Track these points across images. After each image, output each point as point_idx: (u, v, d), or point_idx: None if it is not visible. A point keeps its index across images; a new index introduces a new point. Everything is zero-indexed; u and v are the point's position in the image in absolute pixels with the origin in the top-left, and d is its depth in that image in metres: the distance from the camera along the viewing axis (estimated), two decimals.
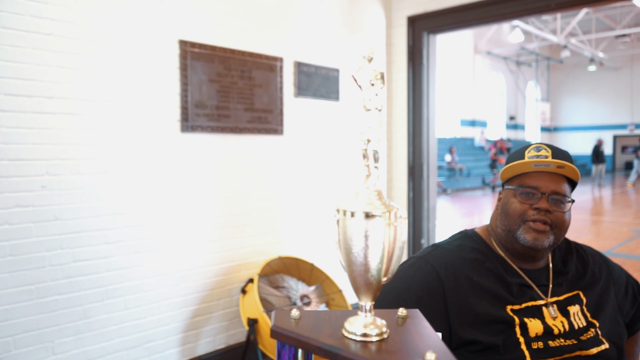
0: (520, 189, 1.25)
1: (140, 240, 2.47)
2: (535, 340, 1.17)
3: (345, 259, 0.54)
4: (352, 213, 0.53)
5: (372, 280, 0.54)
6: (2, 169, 2.05)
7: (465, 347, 1.19)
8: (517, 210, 1.25)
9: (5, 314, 2.07)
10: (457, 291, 1.21)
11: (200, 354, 2.75)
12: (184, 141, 2.62)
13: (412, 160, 3.74)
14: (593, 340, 1.20)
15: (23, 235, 2.11)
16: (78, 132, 2.25)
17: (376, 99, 0.53)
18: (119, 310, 2.41)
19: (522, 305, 1.21)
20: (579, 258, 1.36)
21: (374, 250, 0.53)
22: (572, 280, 1.29)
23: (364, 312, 0.55)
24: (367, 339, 0.53)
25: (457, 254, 1.28)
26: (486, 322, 1.18)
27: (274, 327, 0.57)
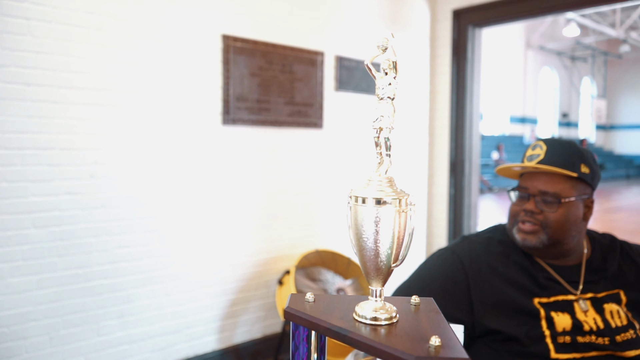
0: (513, 191, 1.31)
1: (181, 229, 2.54)
2: (562, 335, 1.14)
3: (356, 245, 0.55)
4: (363, 199, 0.54)
5: (381, 266, 0.54)
6: (53, 157, 2.16)
7: (488, 336, 1.18)
8: (512, 211, 1.30)
9: (54, 295, 2.19)
10: (482, 281, 1.22)
11: (237, 342, 2.81)
12: (226, 133, 2.68)
13: (454, 156, 3.67)
14: (632, 342, 1.15)
15: (72, 221, 2.22)
16: (125, 124, 2.34)
17: (389, 88, 0.53)
18: (160, 296, 2.49)
19: (550, 299, 1.19)
20: (623, 256, 1.31)
21: (384, 236, 0.53)
22: (612, 278, 1.26)
23: (374, 296, 0.56)
24: (376, 322, 0.54)
25: (485, 246, 1.29)
26: (510, 311, 1.18)
27: (288, 308, 0.59)
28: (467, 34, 3.60)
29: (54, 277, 2.19)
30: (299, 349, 0.59)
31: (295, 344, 0.59)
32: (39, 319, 2.16)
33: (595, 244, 1.33)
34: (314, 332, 0.58)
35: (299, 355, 0.60)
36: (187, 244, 2.57)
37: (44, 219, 2.15)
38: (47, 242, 2.16)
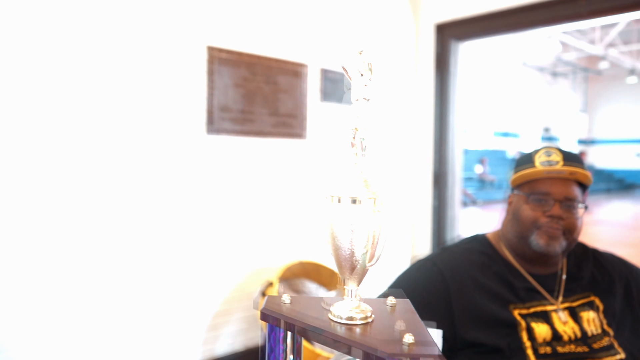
0: (533, 196, 1.25)
1: (163, 238, 2.52)
2: (543, 346, 1.15)
3: (331, 244, 0.55)
4: (338, 199, 0.54)
5: (357, 265, 0.54)
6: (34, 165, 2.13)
7: (470, 348, 1.18)
8: (529, 217, 1.25)
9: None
10: (462, 293, 1.22)
11: (219, 355, 2.77)
12: (210, 143, 2.68)
13: (437, 168, 3.70)
14: (607, 348, 1.17)
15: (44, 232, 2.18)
16: (108, 132, 2.32)
17: (365, 89, 0.54)
18: (140, 308, 2.45)
19: (529, 310, 1.20)
20: (595, 264, 1.34)
21: (359, 235, 0.53)
22: (587, 286, 1.28)
23: (350, 296, 0.56)
24: (352, 322, 0.54)
25: (465, 257, 1.29)
26: (490, 323, 1.18)
27: (264, 309, 0.59)
28: (450, 47, 3.66)
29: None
30: (274, 350, 0.59)
31: (270, 346, 0.59)
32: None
33: (570, 252, 1.35)
34: (289, 333, 0.58)
35: (274, 357, 0.59)
36: (168, 254, 2.55)
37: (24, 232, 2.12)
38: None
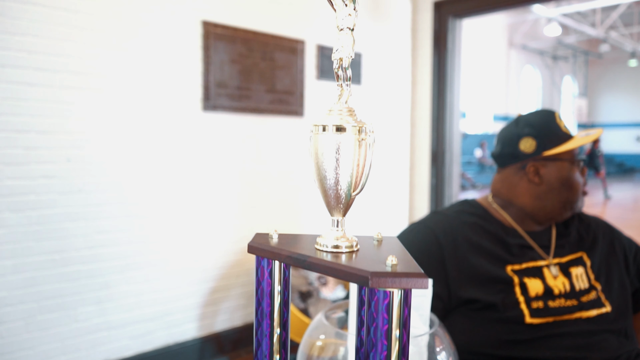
0: (581, 163, 1.31)
1: (161, 215, 2.52)
2: (535, 300, 1.18)
3: (317, 175, 0.55)
4: (323, 127, 0.54)
5: (342, 194, 0.55)
6: (29, 141, 2.13)
7: (465, 305, 1.20)
8: (580, 182, 1.29)
9: (30, 280, 2.16)
10: (456, 253, 1.23)
11: (217, 330, 2.80)
12: (206, 120, 2.67)
13: (435, 146, 3.70)
14: (594, 302, 1.20)
15: (48, 205, 2.19)
16: (103, 108, 2.31)
17: (349, 19, 0.54)
18: (140, 283, 2.47)
19: (522, 266, 1.22)
20: (580, 222, 1.38)
21: (344, 163, 0.53)
22: (575, 243, 1.32)
23: (335, 226, 0.56)
24: (337, 250, 0.54)
25: (457, 218, 1.31)
26: (485, 281, 1.20)
27: (251, 242, 0.59)
28: (448, 25, 3.63)
29: (30, 262, 2.16)
30: (261, 283, 0.59)
31: (258, 280, 0.59)
32: (15, 304, 2.13)
33: None
34: (277, 263, 0.58)
35: (262, 291, 0.60)
36: (167, 230, 2.56)
37: (19, 203, 2.12)
38: (23, 226, 2.13)
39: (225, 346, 2.81)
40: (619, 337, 1.20)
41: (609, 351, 1.15)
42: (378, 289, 0.47)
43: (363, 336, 0.50)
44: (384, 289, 0.46)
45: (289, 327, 0.61)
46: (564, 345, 1.15)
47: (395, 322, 0.47)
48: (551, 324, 1.17)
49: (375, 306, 0.47)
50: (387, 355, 0.47)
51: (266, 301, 0.60)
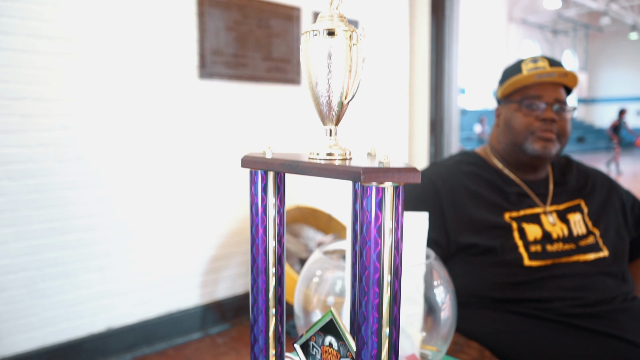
0: (525, 102, 1.26)
1: (161, 182, 2.52)
2: (534, 244, 1.19)
3: (309, 81, 0.55)
4: (315, 32, 0.53)
5: (334, 101, 0.54)
6: (25, 108, 2.12)
7: (464, 251, 1.21)
8: (522, 123, 1.27)
9: (31, 248, 2.17)
10: (454, 201, 1.25)
11: (219, 298, 2.82)
12: (203, 87, 2.65)
13: (433, 115, 3.68)
14: (591, 246, 1.22)
15: (46, 173, 2.19)
16: (98, 76, 2.29)
17: None
18: (141, 250, 2.48)
19: (520, 213, 1.24)
20: (579, 171, 1.40)
21: (336, 68, 0.53)
22: (573, 191, 1.33)
23: (328, 135, 0.56)
24: (330, 157, 0.54)
25: (455, 168, 1.32)
26: (483, 227, 1.21)
27: (244, 157, 0.59)
28: None
29: (31, 229, 2.16)
30: (256, 198, 0.59)
31: (252, 194, 0.59)
32: (16, 272, 2.14)
33: (554, 161, 1.40)
34: (271, 176, 0.58)
35: (255, 207, 0.60)
36: (167, 197, 2.56)
37: (17, 171, 2.12)
38: (22, 194, 2.13)
39: (227, 313, 2.84)
40: (615, 280, 1.21)
41: (605, 292, 1.17)
42: (370, 186, 0.47)
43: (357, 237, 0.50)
44: (376, 185, 0.46)
45: (284, 242, 0.61)
46: (562, 286, 1.16)
47: (389, 217, 0.47)
48: (549, 267, 1.18)
49: (368, 204, 0.47)
50: (380, 250, 0.47)
51: (261, 217, 0.60)
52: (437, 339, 0.87)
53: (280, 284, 0.62)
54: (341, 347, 0.57)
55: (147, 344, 2.53)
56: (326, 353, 0.59)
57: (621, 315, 1.15)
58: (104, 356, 2.39)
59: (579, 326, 1.12)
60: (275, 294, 0.62)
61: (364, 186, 0.47)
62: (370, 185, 0.47)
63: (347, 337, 0.57)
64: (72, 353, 2.30)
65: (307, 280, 0.91)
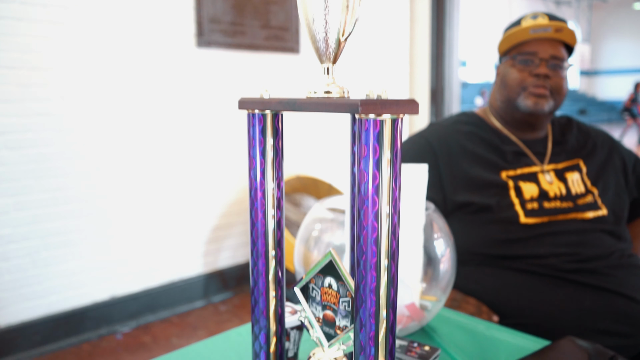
0: (519, 57, 1.26)
1: (161, 151, 2.52)
2: (530, 202, 1.20)
3: (305, 19, 0.54)
4: None
5: (331, 38, 0.53)
6: (22, 77, 2.10)
7: (460, 209, 1.22)
8: (516, 78, 1.26)
9: (33, 218, 2.18)
10: (450, 160, 1.25)
11: (221, 267, 2.85)
12: (201, 56, 2.62)
13: (434, 84, 3.65)
14: (590, 205, 1.22)
15: (46, 143, 2.18)
16: (94, 43, 2.27)
17: None
18: (142, 220, 2.49)
19: (517, 171, 1.24)
20: (579, 131, 1.39)
21: (332, 3, 0.52)
22: (572, 150, 1.33)
23: (325, 74, 0.55)
24: (328, 95, 0.54)
25: (452, 128, 1.32)
26: (480, 186, 1.21)
27: (242, 99, 0.58)
28: None
29: (32, 199, 2.17)
30: (254, 141, 0.59)
31: (250, 137, 0.59)
32: (19, 241, 2.15)
33: (554, 121, 1.39)
34: (269, 119, 0.58)
35: (254, 151, 0.59)
36: (168, 167, 2.56)
37: (16, 141, 2.11)
38: (22, 164, 2.13)
39: (229, 282, 2.87)
40: (612, 237, 1.22)
41: (602, 248, 1.17)
42: (368, 119, 0.46)
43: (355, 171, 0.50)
44: (374, 118, 0.46)
45: (282, 184, 0.61)
46: (558, 243, 1.16)
47: (387, 150, 0.46)
48: (546, 224, 1.18)
49: (366, 137, 0.47)
50: (378, 183, 0.47)
51: (259, 160, 0.59)
52: (437, 290, 0.88)
53: (280, 227, 0.62)
54: (341, 287, 0.58)
55: (150, 311, 2.56)
56: (326, 294, 0.60)
57: (618, 270, 1.16)
58: (108, 323, 2.42)
59: (575, 281, 1.13)
60: (274, 237, 0.62)
61: (362, 120, 0.47)
62: (368, 119, 0.46)
63: (347, 277, 0.57)
64: (77, 321, 2.33)
65: (306, 235, 0.91)
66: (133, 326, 2.48)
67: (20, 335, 2.17)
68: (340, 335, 0.58)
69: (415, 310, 0.82)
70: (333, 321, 0.59)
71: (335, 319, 0.59)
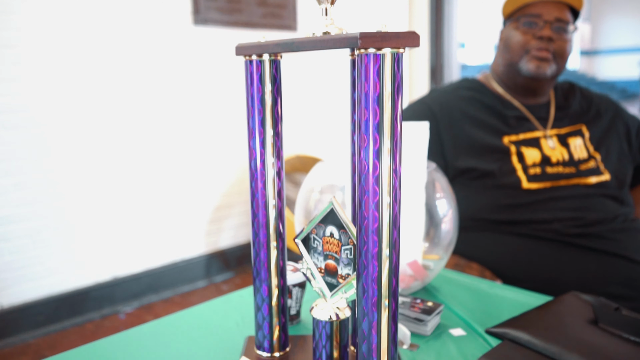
0: (523, 19, 1.24)
1: (159, 130, 2.50)
2: (533, 167, 1.19)
3: None
4: None
5: None
6: (18, 56, 2.07)
7: (462, 175, 1.21)
8: (519, 41, 1.24)
9: (33, 198, 2.16)
10: (452, 125, 1.24)
11: (222, 247, 2.85)
12: (197, 34, 2.59)
13: (434, 61, 3.62)
14: (592, 170, 1.21)
15: (44, 122, 2.16)
16: (89, 21, 2.24)
17: None
18: (144, 200, 2.49)
19: (519, 136, 1.23)
20: (582, 96, 1.37)
21: None
22: (575, 116, 1.31)
23: (323, 15, 0.54)
24: (327, 36, 0.52)
25: (454, 94, 1.31)
26: (482, 151, 1.20)
27: (238, 45, 0.57)
28: None
29: (30, 179, 2.16)
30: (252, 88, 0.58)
31: (248, 85, 0.58)
32: (18, 222, 2.14)
33: (557, 86, 1.37)
34: (266, 65, 0.56)
35: (252, 97, 0.58)
36: (168, 147, 2.54)
37: (14, 120, 2.09)
38: (20, 144, 2.11)
39: (230, 262, 2.87)
40: (615, 202, 1.21)
41: (605, 212, 1.16)
42: (368, 53, 0.45)
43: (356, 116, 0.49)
44: (375, 52, 0.45)
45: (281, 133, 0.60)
46: (561, 207, 1.16)
47: (388, 85, 0.45)
48: (549, 189, 1.18)
49: (367, 73, 0.45)
50: (379, 121, 0.46)
51: (258, 108, 0.58)
52: (439, 250, 0.88)
53: (280, 177, 0.61)
54: (342, 235, 0.57)
55: (153, 292, 2.57)
56: (328, 244, 0.59)
57: (621, 234, 1.15)
58: (111, 304, 2.43)
59: (579, 245, 1.13)
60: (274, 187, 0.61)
61: (362, 56, 0.45)
62: (368, 53, 0.45)
63: (349, 225, 0.56)
64: (80, 301, 2.34)
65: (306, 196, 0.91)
66: (136, 306, 2.49)
67: (23, 315, 2.18)
68: (343, 283, 0.58)
69: (418, 267, 0.81)
70: (335, 270, 0.59)
71: (338, 268, 0.58)
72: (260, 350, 0.65)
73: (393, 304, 0.50)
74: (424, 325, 0.72)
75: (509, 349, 0.65)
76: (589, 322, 0.71)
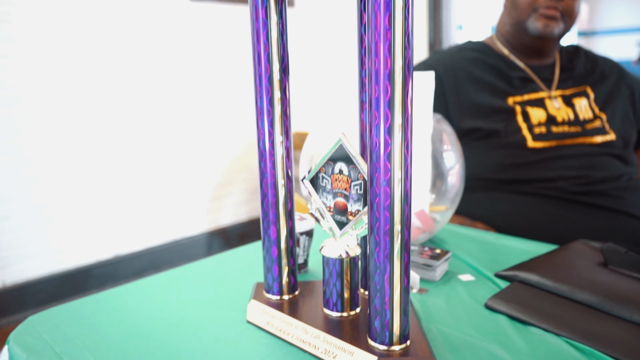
0: None
1: (161, 109, 2.48)
2: (538, 126, 1.18)
3: None
4: None
5: None
6: (12, 32, 2.05)
7: (467, 135, 1.20)
8: (526, 1, 1.21)
9: (31, 177, 2.15)
10: (456, 86, 1.23)
11: (223, 224, 2.84)
12: (194, 10, 2.56)
13: (432, 37, 3.59)
14: (598, 130, 1.21)
15: (43, 100, 2.14)
16: None
17: None
18: (145, 178, 2.48)
19: (523, 97, 1.22)
20: (587, 58, 1.37)
21: None
22: (580, 77, 1.31)
23: None
24: None
25: (458, 55, 1.30)
26: (487, 112, 1.20)
27: None
28: None
29: (31, 157, 2.14)
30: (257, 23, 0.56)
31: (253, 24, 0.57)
32: (16, 200, 2.13)
33: (562, 48, 1.37)
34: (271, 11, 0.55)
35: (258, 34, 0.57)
36: (168, 125, 2.53)
37: (11, 98, 2.07)
38: (19, 119, 2.10)
39: (231, 240, 2.87)
40: (621, 161, 1.21)
41: (610, 171, 1.16)
42: None
43: None
44: None
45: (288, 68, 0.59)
46: (566, 166, 1.15)
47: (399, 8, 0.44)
48: (554, 148, 1.17)
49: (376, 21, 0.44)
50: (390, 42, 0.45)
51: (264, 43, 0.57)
52: (445, 201, 0.87)
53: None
54: (352, 171, 0.56)
55: (155, 269, 2.57)
56: (337, 181, 0.58)
57: (626, 192, 1.15)
58: (113, 281, 2.43)
59: (584, 202, 1.13)
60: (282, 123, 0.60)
61: None
62: None
63: (358, 159, 0.56)
64: (82, 279, 2.34)
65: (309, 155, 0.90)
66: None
67: (26, 293, 2.18)
68: (353, 220, 0.57)
69: (425, 217, 0.81)
70: (345, 208, 0.58)
71: (347, 205, 0.58)
72: (269, 294, 0.64)
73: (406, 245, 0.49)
74: (433, 271, 0.72)
75: (519, 289, 0.65)
76: (598, 264, 0.71)
